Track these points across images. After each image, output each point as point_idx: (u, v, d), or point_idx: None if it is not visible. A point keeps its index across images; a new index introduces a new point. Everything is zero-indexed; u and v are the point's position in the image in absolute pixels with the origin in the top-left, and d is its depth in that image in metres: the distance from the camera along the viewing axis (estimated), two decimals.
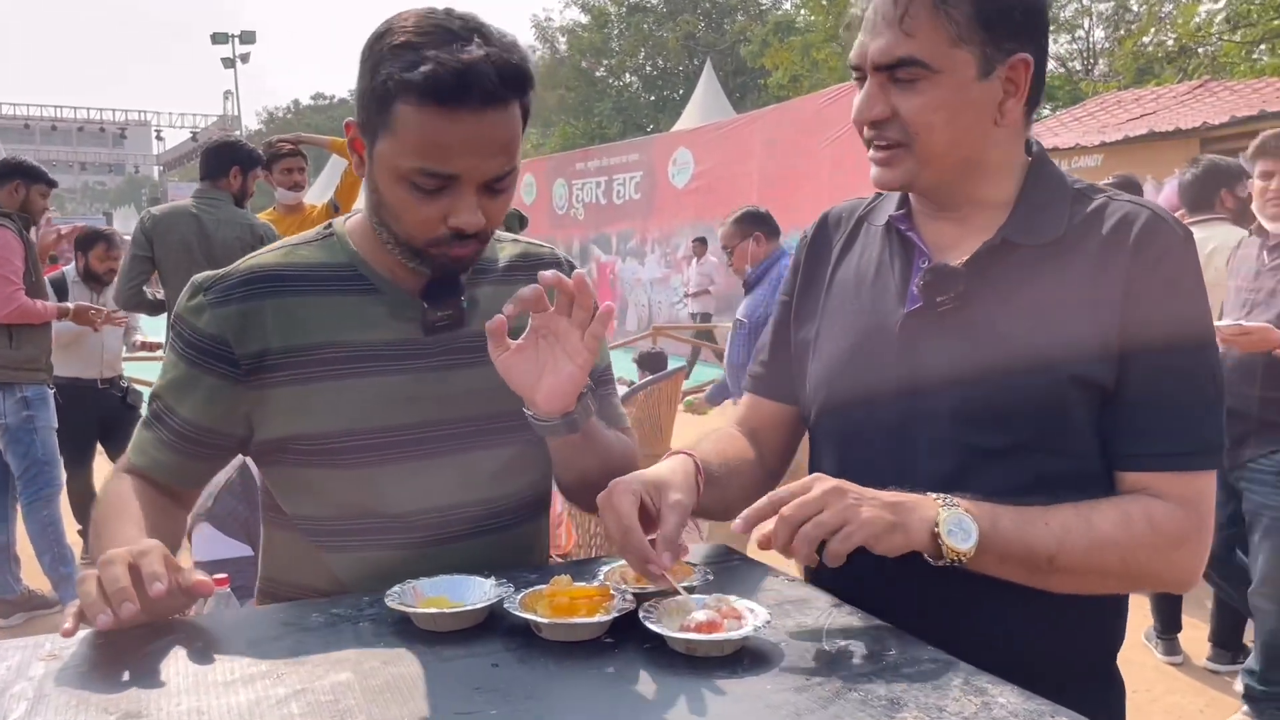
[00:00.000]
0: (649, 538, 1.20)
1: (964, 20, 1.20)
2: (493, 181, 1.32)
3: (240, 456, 1.52)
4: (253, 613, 1.22)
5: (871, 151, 1.29)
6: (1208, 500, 1.22)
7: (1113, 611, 1.33)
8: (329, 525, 1.42)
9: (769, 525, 1.13)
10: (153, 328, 6.16)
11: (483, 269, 1.51)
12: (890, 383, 1.30)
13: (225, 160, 4.78)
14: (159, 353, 5.77)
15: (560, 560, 2.33)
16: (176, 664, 1.08)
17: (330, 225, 1.51)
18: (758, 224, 4.64)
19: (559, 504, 2.66)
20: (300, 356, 1.39)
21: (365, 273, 1.44)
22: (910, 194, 1.37)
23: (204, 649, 1.12)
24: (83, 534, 5.29)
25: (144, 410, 1.49)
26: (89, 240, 5.62)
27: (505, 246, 1.58)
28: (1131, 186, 4.00)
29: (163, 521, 1.37)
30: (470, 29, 1.27)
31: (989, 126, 1.26)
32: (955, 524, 1.13)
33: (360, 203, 1.51)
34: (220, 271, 1.44)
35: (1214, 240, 3.94)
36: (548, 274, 1.27)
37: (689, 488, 1.27)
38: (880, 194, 1.44)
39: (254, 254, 1.47)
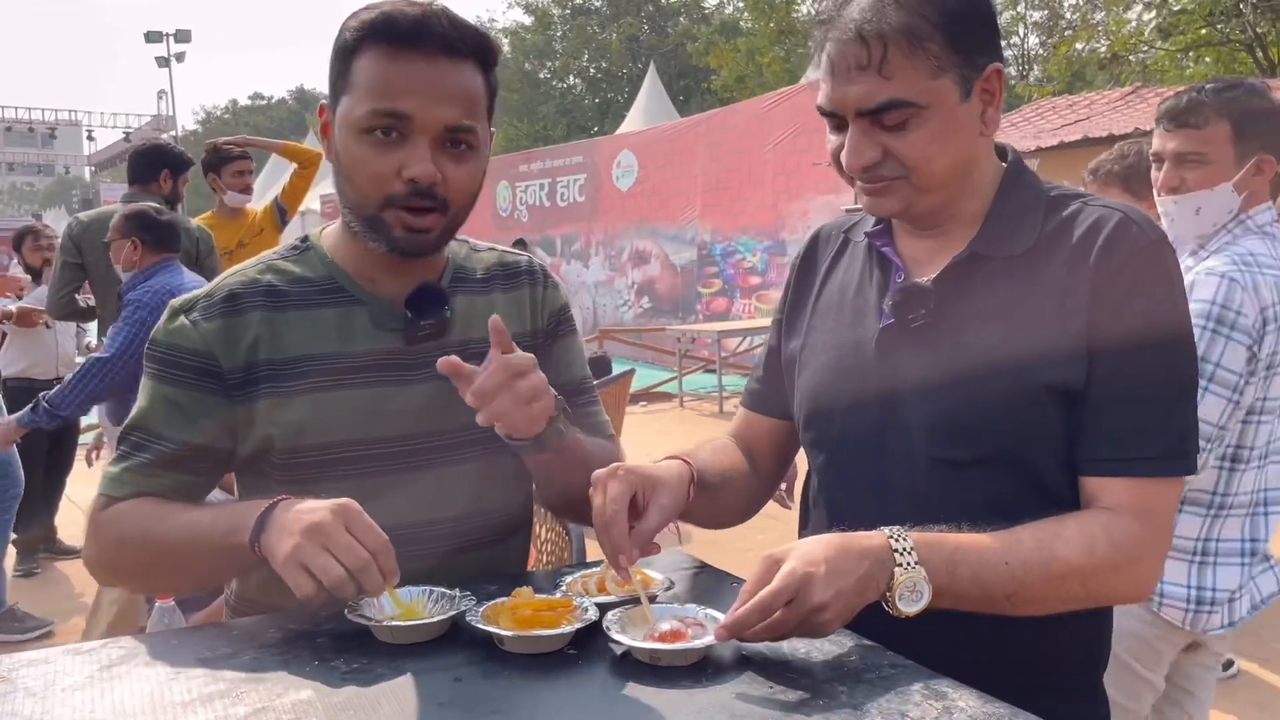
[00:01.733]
0: (631, 528, 1.22)
1: (940, 51, 1.19)
2: (450, 135, 1.31)
3: None
4: (208, 629, 1.20)
5: (863, 185, 1.27)
6: (1167, 508, 1.21)
7: (1094, 629, 1.32)
8: None
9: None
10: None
11: (461, 277, 1.51)
12: (867, 397, 1.31)
13: (155, 164, 4.63)
14: None
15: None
16: (131, 684, 1.06)
17: (306, 238, 1.50)
18: (142, 230, 3.77)
19: None
20: (284, 370, 1.38)
21: (345, 284, 1.43)
22: None
23: (159, 668, 1.10)
24: (15, 543, 5.17)
25: (95, 417, 1.46)
26: (18, 239, 5.57)
27: (482, 255, 1.57)
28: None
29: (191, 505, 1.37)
30: (433, 2, 1.32)
31: (976, 140, 1.26)
32: (908, 588, 1.11)
33: (333, 222, 1.50)
34: (197, 294, 1.43)
35: None
36: (495, 321, 1.26)
37: (680, 494, 1.29)
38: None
39: (231, 272, 1.46)
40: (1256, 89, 2.15)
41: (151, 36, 38.82)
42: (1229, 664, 3.81)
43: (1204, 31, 18.53)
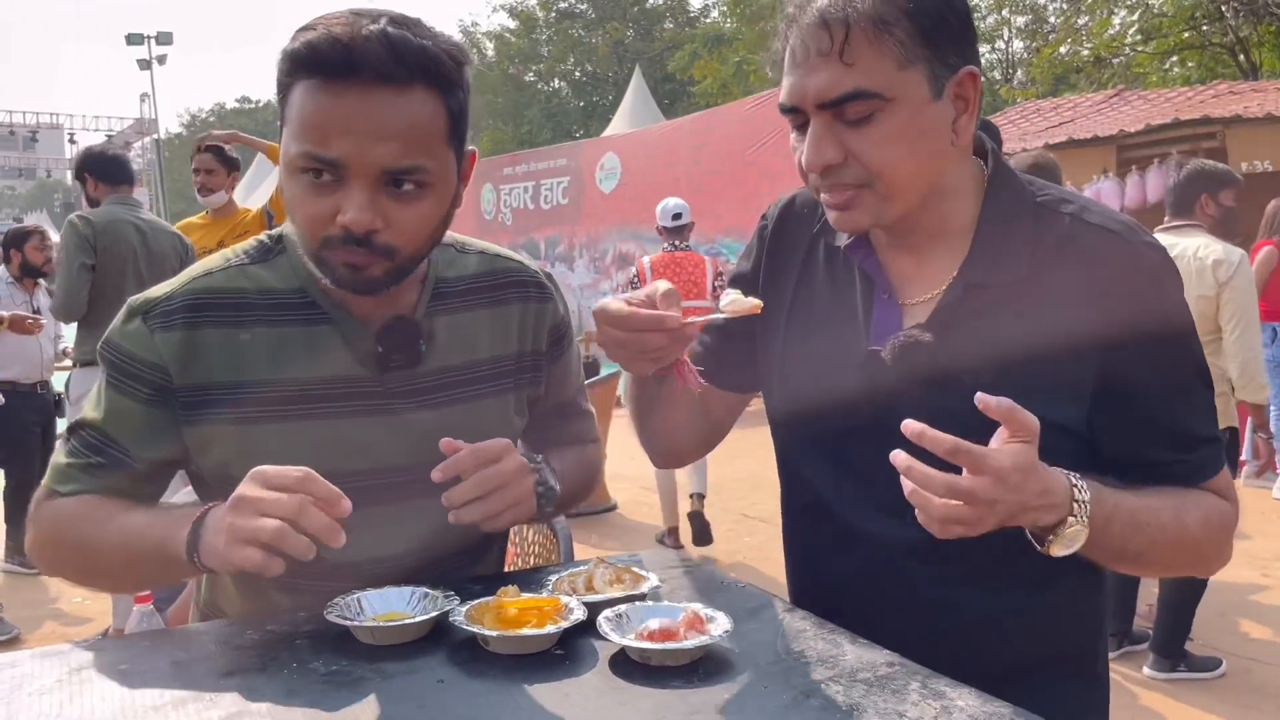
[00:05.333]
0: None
1: (906, 38, 1.11)
2: (393, 176, 1.19)
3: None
4: (182, 631, 1.16)
5: (826, 196, 1.20)
6: (1233, 486, 1.27)
7: (1092, 609, 1.32)
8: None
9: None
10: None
11: (441, 293, 1.40)
12: (858, 421, 1.25)
13: (129, 167, 4.71)
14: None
15: None
16: (101, 688, 1.02)
17: (282, 239, 1.37)
18: None
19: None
20: (245, 394, 1.29)
21: (317, 298, 1.33)
22: None
23: (129, 671, 1.06)
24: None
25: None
26: (20, 237, 5.50)
27: (469, 260, 1.46)
28: (1049, 169, 3.86)
29: (131, 507, 1.29)
30: (385, 14, 1.18)
31: (947, 149, 1.18)
32: (1071, 539, 1.08)
33: None
34: (158, 293, 1.32)
35: (1177, 248, 3.78)
36: (446, 445, 1.22)
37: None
38: None
39: (198, 268, 1.35)
40: None
41: (132, 39, 38.55)
42: (1216, 663, 3.80)
43: (1186, 35, 18.64)
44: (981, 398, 1.04)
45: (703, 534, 5.43)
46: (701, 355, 1.46)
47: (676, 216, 5.72)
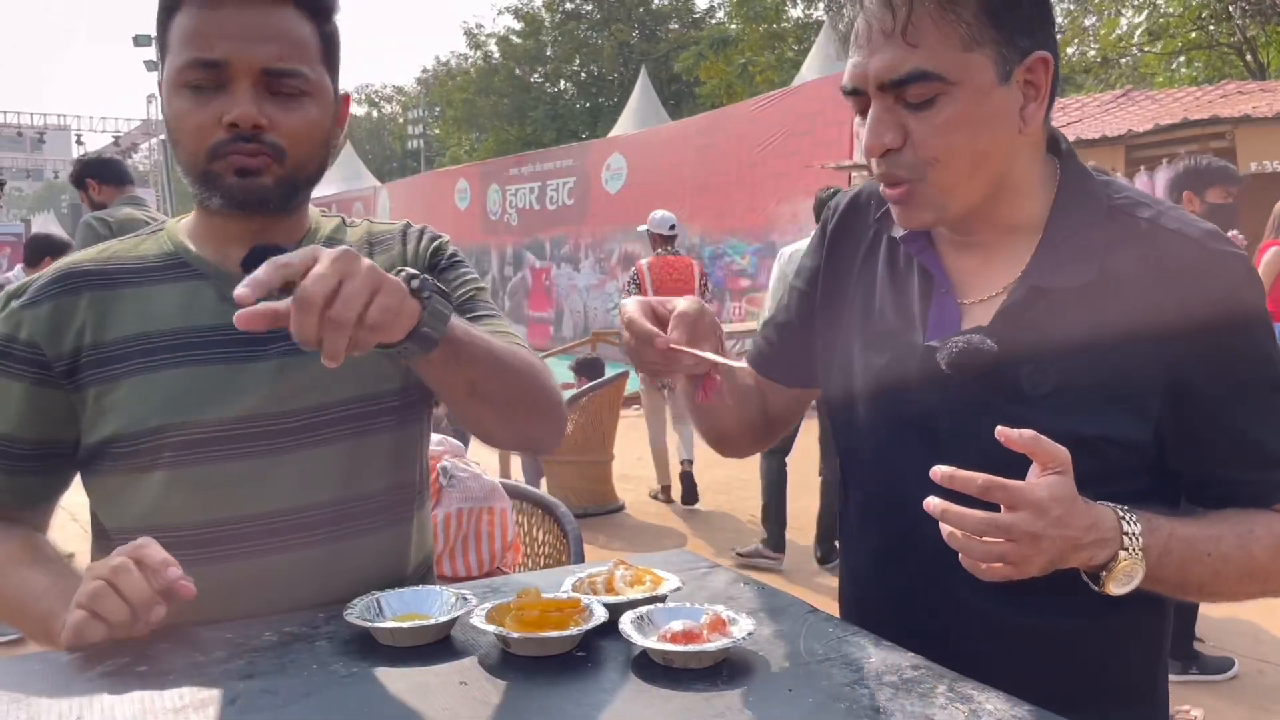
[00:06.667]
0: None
1: (973, 19, 1.08)
2: (273, 77, 1.25)
3: None
4: (200, 633, 1.15)
5: (885, 190, 1.17)
6: None
7: (1153, 633, 1.26)
8: (159, 539, 1.16)
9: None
10: None
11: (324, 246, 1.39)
12: (911, 422, 1.21)
13: (128, 168, 4.90)
14: None
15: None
16: (120, 691, 1.01)
17: (163, 222, 1.44)
18: None
19: (510, 526, 2.59)
20: (111, 351, 1.29)
21: (189, 259, 1.35)
22: None
23: (148, 674, 1.05)
24: None
25: None
26: (54, 247, 5.57)
27: (357, 230, 1.47)
28: None
29: (44, 549, 1.33)
30: None
31: (1013, 138, 1.13)
32: (1127, 574, 1.04)
33: None
34: (31, 277, 1.37)
35: None
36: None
37: (717, 338, 1.20)
38: None
39: (72, 255, 1.40)
40: None
41: (140, 40, 38.61)
42: (1229, 664, 3.78)
43: (1193, 35, 18.60)
44: (1002, 431, 1.00)
45: (690, 493, 6.41)
46: (762, 349, 1.46)
47: (671, 227, 6.77)
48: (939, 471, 1.00)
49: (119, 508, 1.31)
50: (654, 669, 1.04)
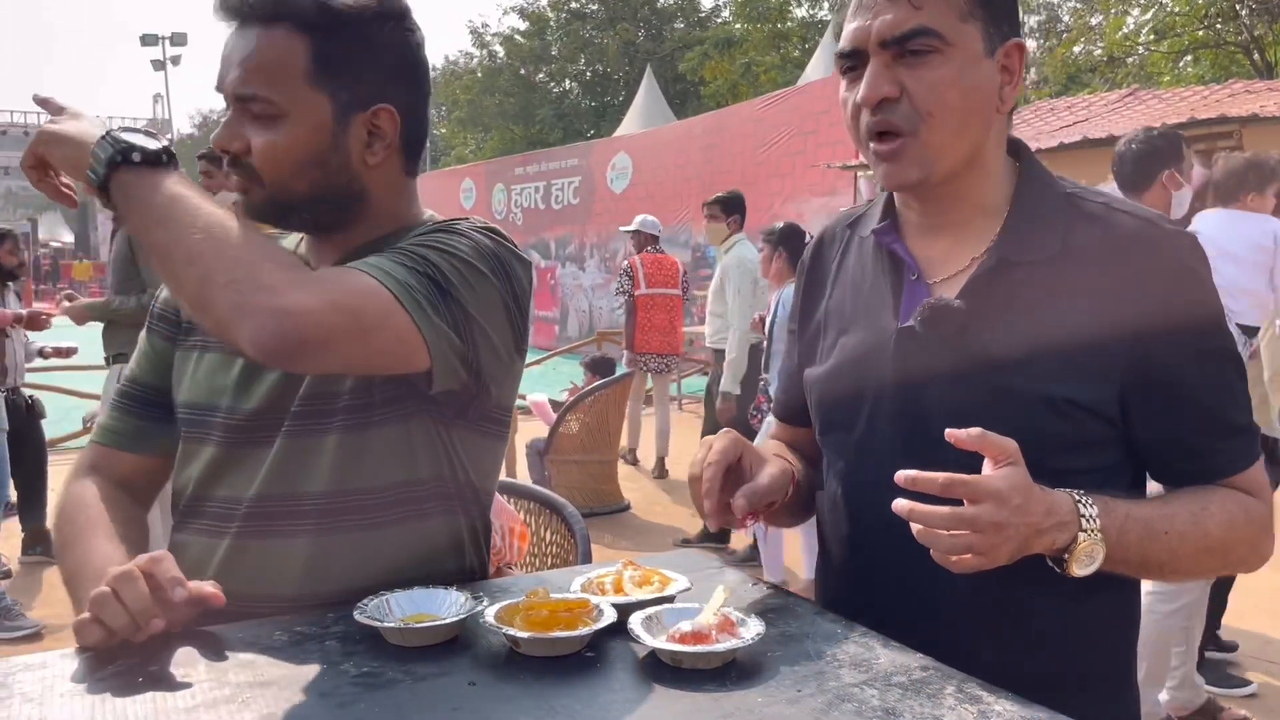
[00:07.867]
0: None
1: None
2: (241, 101, 1.29)
3: None
4: (209, 632, 1.15)
5: (875, 145, 1.22)
6: (1269, 481, 1.27)
7: (1124, 618, 1.31)
8: (200, 508, 1.39)
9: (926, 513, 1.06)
10: (57, 335, 5.96)
11: None
12: (885, 403, 1.27)
13: None
14: (73, 359, 5.82)
15: (509, 569, 2.26)
16: (132, 691, 1.02)
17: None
18: None
19: (506, 511, 2.58)
20: (188, 323, 1.47)
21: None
22: (897, 202, 1.32)
23: (160, 673, 1.06)
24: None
25: (45, 422, 1.50)
26: None
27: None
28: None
29: (130, 528, 1.38)
30: None
31: (992, 113, 1.22)
32: (1087, 554, 1.11)
33: None
34: None
35: None
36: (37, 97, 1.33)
37: (782, 484, 1.29)
38: (869, 201, 1.41)
39: None
40: None
41: (147, 39, 38.71)
42: (1245, 682, 3.73)
43: (1200, 34, 18.56)
44: (950, 432, 1.08)
45: (662, 475, 7.34)
46: (780, 399, 1.55)
47: (659, 229, 7.85)
48: (902, 475, 1.07)
49: (179, 470, 1.44)
50: (663, 669, 1.05)
